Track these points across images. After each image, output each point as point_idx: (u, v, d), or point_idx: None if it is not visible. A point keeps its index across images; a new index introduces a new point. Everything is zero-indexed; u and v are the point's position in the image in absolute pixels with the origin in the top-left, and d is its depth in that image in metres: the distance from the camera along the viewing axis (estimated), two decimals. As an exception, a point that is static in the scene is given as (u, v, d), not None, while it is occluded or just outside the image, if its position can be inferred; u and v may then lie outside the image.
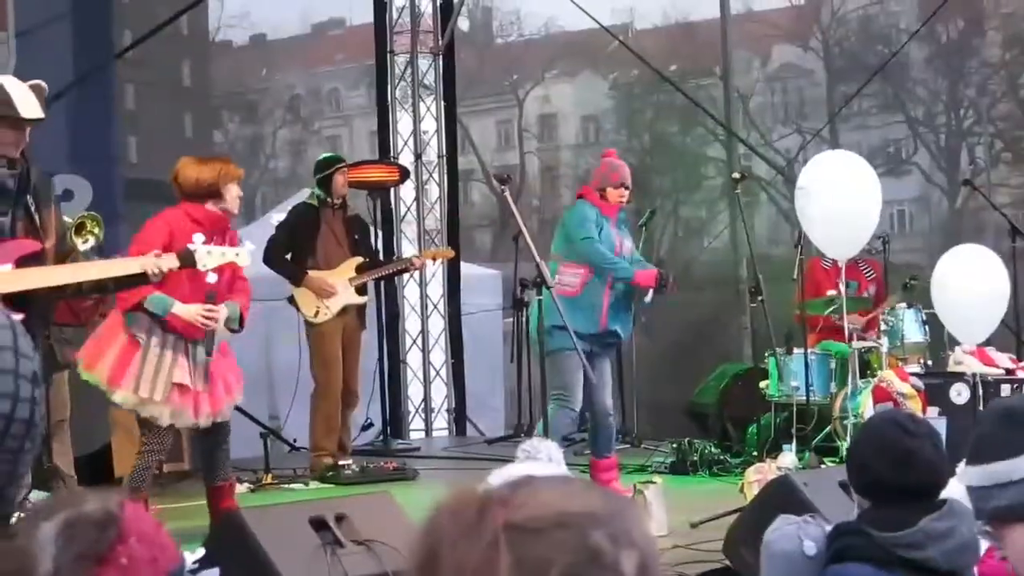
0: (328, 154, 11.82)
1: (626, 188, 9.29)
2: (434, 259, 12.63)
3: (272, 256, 10.88)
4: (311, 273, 10.92)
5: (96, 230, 7.66)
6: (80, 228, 8.27)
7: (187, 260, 6.79)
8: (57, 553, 2.07)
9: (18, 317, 5.89)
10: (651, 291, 9.26)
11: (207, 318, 7.65)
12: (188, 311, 7.60)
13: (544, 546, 1.64)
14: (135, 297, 7.49)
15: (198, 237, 7.28)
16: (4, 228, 6.09)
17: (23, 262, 6.09)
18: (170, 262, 6.70)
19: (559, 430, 8.85)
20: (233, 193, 7.85)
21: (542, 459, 3.04)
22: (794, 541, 3.80)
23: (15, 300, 5.96)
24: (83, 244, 7.92)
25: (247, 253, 7.33)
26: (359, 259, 11.15)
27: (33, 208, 6.22)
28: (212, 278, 7.51)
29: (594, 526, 1.66)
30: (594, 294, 8.95)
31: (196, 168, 7.85)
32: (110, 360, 7.66)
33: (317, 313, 10.92)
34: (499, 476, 2.58)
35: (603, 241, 9.00)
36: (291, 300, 11.04)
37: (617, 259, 9.05)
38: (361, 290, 11.20)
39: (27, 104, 6.11)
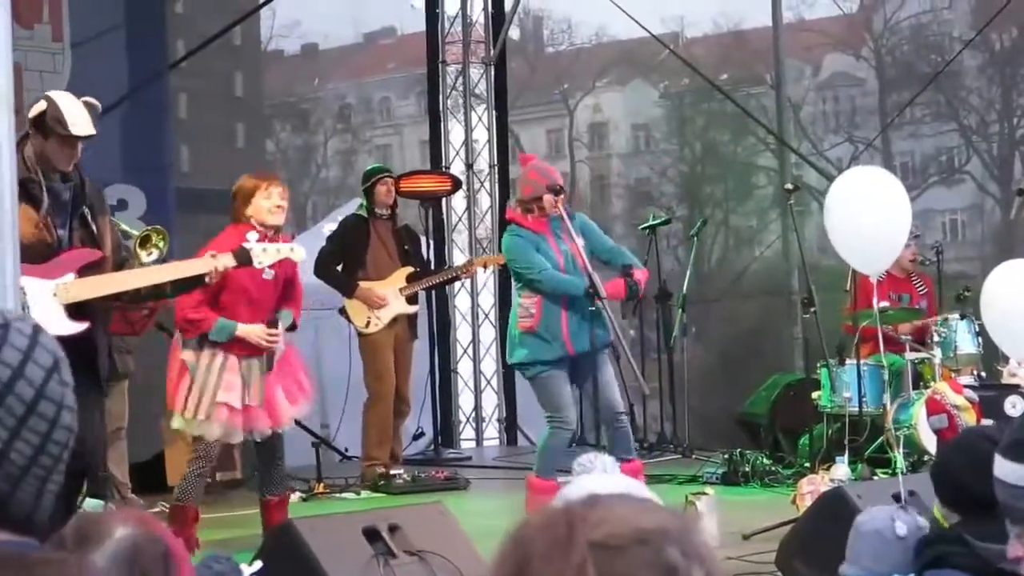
0: (374, 165, 11.89)
1: (561, 192, 8.68)
2: (485, 266, 12.66)
3: (322, 268, 10.91)
4: (362, 284, 10.95)
5: (161, 244, 7.71)
6: (145, 241, 8.34)
7: (243, 258, 6.84)
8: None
9: (83, 326, 5.98)
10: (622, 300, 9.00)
11: (270, 339, 7.70)
12: (251, 332, 7.64)
13: (625, 563, 1.68)
14: (201, 328, 7.56)
15: (252, 235, 7.31)
16: (63, 240, 6.14)
17: (85, 271, 6.15)
18: (226, 260, 6.76)
19: (553, 456, 8.58)
20: (259, 207, 7.71)
21: (598, 471, 3.03)
22: (886, 521, 3.82)
23: (78, 310, 6.02)
24: (147, 257, 7.98)
25: (301, 249, 7.35)
26: (409, 269, 11.17)
27: (90, 217, 6.26)
28: (269, 274, 7.50)
29: (668, 542, 1.70)
30: (552, 322, 8.44)
31: (234, 190, 7.87)
32: (169, 385, 7.75)
33: (368, 324, 10.95)
34: (569, 491, 2.59)
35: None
36: (342, 311, 11.07)
37: (562, 280, 8.51)
38: (412, 300, 11.22)
39: (79, 122, 6.15)
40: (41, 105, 6.15)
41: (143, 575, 2.20)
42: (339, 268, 11.05)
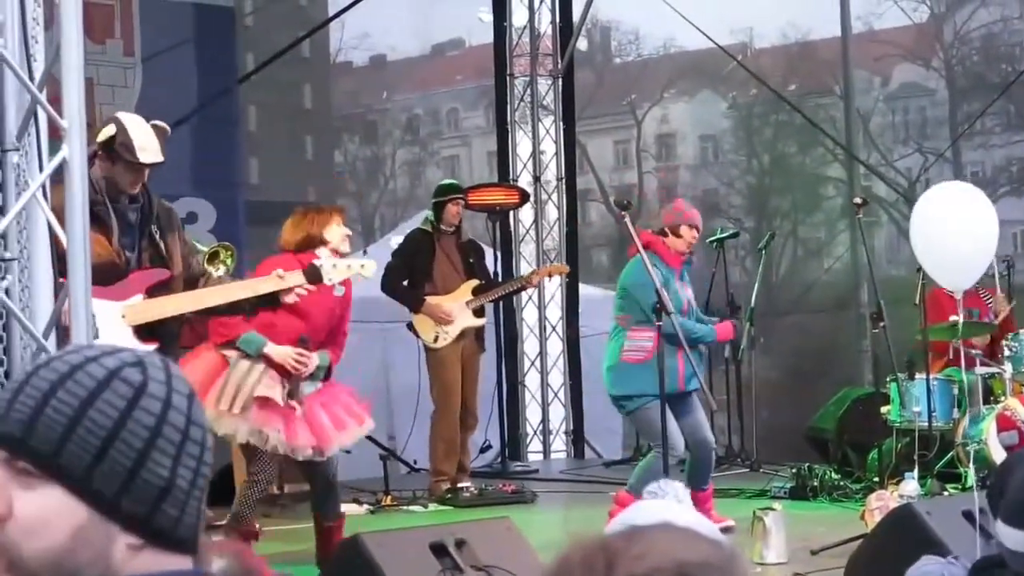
0: (449, 181, 11.88)
1: (699, 233, 9.10)
2: (549, 275, 12.63)
3: (389, 283, 10.94)
4: (428, 299, 10.97)
5: (228, 260, 7.75)
6: (214, 257, 8.39)
7: (314, 275, 6.70)
8: None
9: (152, 347, 6.01)
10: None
11: (298, 363, 7.53)
12: (281, 353, 7.49)
13: None
14: (228, 335, 7.49)
15: (323, 251, 7.31)
16: (132, 261, 6.15)
17: (154, 291, 6.15)
18: (296, 279, 6.62)
19: (649, 477, 8.65)
20: (337, 235, 7.70)
21: (670, 499, 3.03)
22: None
23: (145, 330, 6.04)
24: (216, 272, 8.03)
25: (372, 263, 7.28)
26: (475, 282, 11.19)
27: (158, 236, 6.27)
28: (340, 291, 7.45)
29: (711, 574, 1.67)
30: (669, 357, 8.47)
31: (291, 231, 7.77)
32: (197, 376, 7.42)
33: (436, 339, 10.97)
34: (628, 518, 2.58)
35: (671, 300, 8.52)
36: (410, 326, 11.08)
37: (697, 328, 8.88)
38: (479, 312, 11.24)
39: (148, 148, 6.13)
40: (110, 129, 6.14)
41: None
42: (405, 282, 11.07)
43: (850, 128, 17.03)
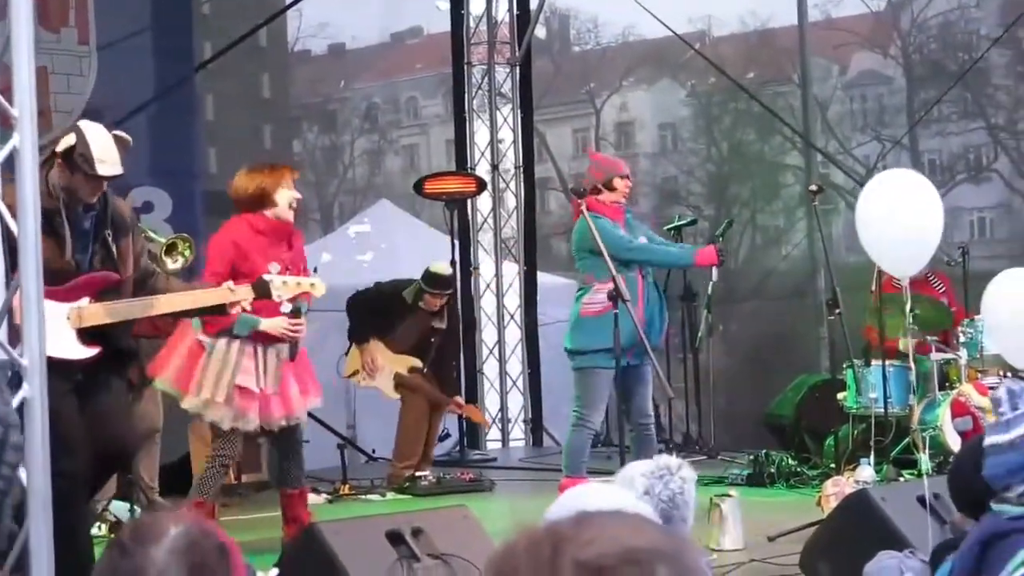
0: (439, 271, 11.33)
1: (630, 178, 8.97)
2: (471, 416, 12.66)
3: (354, 306, 11.00)
4: (372, 343, 11.01)
5: (187, 252, 7.73)
6: (171, 248, 8.37)
7: (262, 291, 6.78)
8: (180, 571, 2.17)
9: (94, 351, 5.97)
10: (714, 268, 9.16)
11: (293, 330, 7.70)
12: (274, 325, 7.65)
13: None
14: (223, 323, 7.54)
15: (273, 267, 7.33)
16: (83, 264, 6.13)
17: (102, 295, 6.14)
18: (245, 293, 6.67)
19: (580, 454, 8.78)
20: (285, 199, 7.77)
21: (676, 479, 3.01)
22: (895, 572, 3.82)
23: (89, 334, 6.03)
24: (172, 264, 8.02)
25: (322, 284, 7.31)
26: (418, 363, 11.16)
27: (111, 240, 6.25)
28: (287, 307, 7.51)
29: (660, 562, 1.67)
30: (625, 314, 8.42)
31: (245, 179, 7.87)
32: (177, 365, 7.77)
33: (354, 374, 11.08)
34: (575, 502, 2.58)
35: None
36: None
37: (668, 250, 8.94)
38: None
39: (107, 160, 6.09)
40: (70, 139, 6.09)
41: (200, 567, 2.27)
42: (366, 314, 11.10)
43: (808, 116, 17.07)
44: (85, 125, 6.20)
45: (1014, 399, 3.56)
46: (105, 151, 6.08)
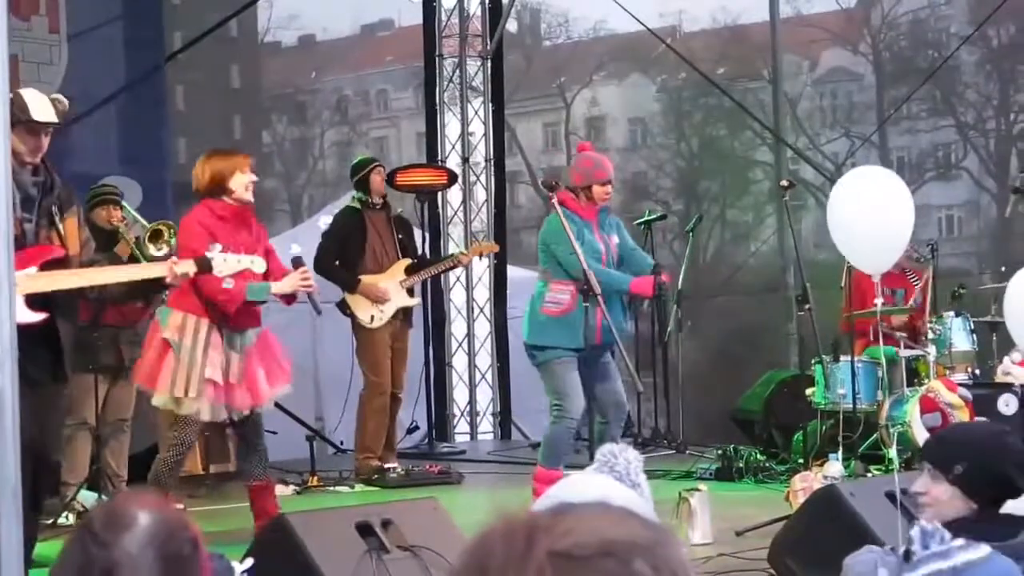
0: (362, 156, 11.92)
1: (611, 185, 8.85)
2: (480, 254, 12.60)
3: (323, 264, 10.87)
4: (363, 279, 10.95)
5: (172, 240, 7.72)
6: (157, 235, 8.38)
7: (204, 266, 6.95)
8: (153, 559, 2.18)
9: (41, 317, 5.98)
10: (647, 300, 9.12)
11: (305, 283, 7.85)
12: (287, 286, 7.80)
13: (589, 574, 1.64)
14: (236, 299, 7.62)
15: (216, 246, 7.34)
16: (28, 234, 6.15)
17: (47, 267, 6.16)
18: (187, 267, 6.85)
19: (561, 450, 8.70)
20: (240, 182, 7.82)
21: (619, 471, 3.00)
22: (870, 566, 3.84)
23: (38, 301, 6.04)
24: (157, 251, 8.05)
25: (262, 261, 7.40)
26: (408, 261, 11.18)
27: (57, 216, 6.27)
28: (229, 283, 7.53)
29: (637, 554, 1.66)
30: (589, 311, 8.44)
31: (201, 167, 7.92)
32: (147, 363, 7.77)
33: (372, 319, 10.96)
34: (561, 493, 2.57)
35: (586, 251, 8.47)
36: (341, 304, 11.02)
37: (608, 272, 8.62)
38: (410, 291, 11.24)
39: (41, 109, 6.16)
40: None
41: (174, 556, 2.27)
42: (337, 262, 11.03)
43: (778, 112, 17.08)
44: (21, 90, 6.27)
45: (926, 539, 3.63)
46: (40, 103, 6.16)
